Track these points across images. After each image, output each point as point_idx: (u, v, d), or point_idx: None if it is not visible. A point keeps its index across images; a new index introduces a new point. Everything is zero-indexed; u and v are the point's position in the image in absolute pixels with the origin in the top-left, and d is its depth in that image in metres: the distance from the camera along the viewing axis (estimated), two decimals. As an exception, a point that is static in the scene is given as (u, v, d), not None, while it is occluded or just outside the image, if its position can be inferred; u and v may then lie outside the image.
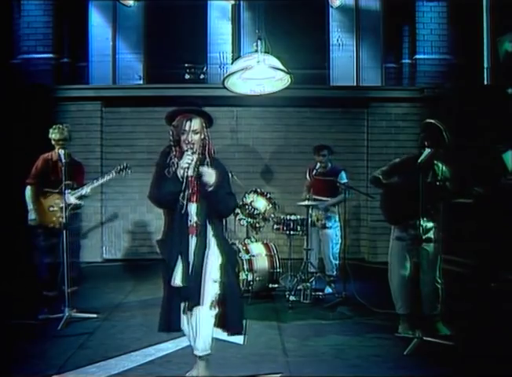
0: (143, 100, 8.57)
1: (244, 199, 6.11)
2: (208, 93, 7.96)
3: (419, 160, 4.27)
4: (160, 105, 8.36)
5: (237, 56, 8.50)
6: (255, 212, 6.08)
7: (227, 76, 5.65)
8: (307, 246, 5.95)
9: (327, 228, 6.19)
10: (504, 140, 6.67)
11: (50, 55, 8.71)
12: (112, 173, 5.23)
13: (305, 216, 5.92)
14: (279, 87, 5.83)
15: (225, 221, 5.94)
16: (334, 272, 6.21)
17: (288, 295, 5.63)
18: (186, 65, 9.07)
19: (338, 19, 8.97)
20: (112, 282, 6.96)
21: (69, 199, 5.04)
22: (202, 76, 9.09)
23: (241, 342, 4.32)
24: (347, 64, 8.96)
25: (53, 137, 5.26)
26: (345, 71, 8.94)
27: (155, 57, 9.02)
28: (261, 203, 6.13)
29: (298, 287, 5.77)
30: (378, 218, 8.27)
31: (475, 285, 5.88)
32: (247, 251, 5.96)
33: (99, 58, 8.88)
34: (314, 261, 6.20)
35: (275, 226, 6.12)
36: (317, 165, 6.12)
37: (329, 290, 6.08)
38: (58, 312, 4.92)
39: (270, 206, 6.16)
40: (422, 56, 8.85)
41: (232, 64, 7.97)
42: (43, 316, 4.96)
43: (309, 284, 5.80)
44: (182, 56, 9.01)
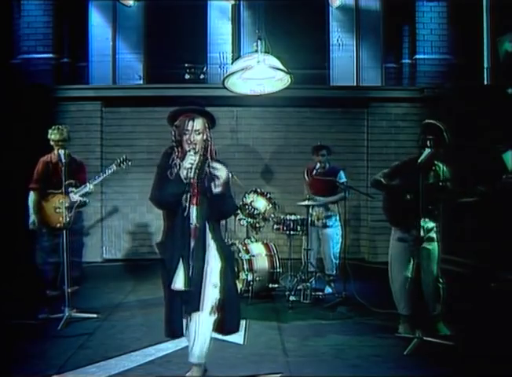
0: (143, 100, 8.57)
1: (244, 199, 6.12)
2: (208, 93, 7.96)
3: (419, 160, 4.27)
4: (160, 105, 8.37)
5: (237, 56, 8.50)
6: (255, 212, 6.08)
7: (227, 76, 5.65)
8: (307, 246, 5.95)
9: (328, 227, 6.19)
10: (504, 140, 6.67)
11: (50, 55, 8.71)
12: (113, 166, 5.23)
13: (305, 216, 5.92)
14: (279, 87, 5.83)
15: (225, 221, 6.01)
16: (334, 272, 6.21)
17: (288, 295, 5.63)
18: (186, 65, 9.07)
19: (338, 19, 8.97)
20: (112, 282, 6.96)
21: (73, 197, 5.06)
22: (202, 76, 9.09)
23: (241, 342, 4.33)
24: (347, 64, 8.95)
25: (53, 137, 5.26)
26: (345, 71, 8.94)
27: (155, 57, 9.02)
28: (261, 203, 6.13)
29: (298, 287, 5.77)
30: (378, 218, 8.29)
31: (475, 285, 5.88)
32: (247, 251, 5.96)
33: (99, 58, 8.88)
34: (314, 261, 6.20)
35: (275, 226, 6.12)
36: (317, 165, 6.13)
37: (329, 290, 6.08)
38: (58, 312, 4.92)
39: (270, 206, 6.17)
40: (422, 56, 8.85)
41: (232, 64, 7.98)
42: (43, 315, 4.96)
43: (309, 284, 5.80)
44: (182, 56, 9.01)
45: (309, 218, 5.93)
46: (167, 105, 8.02)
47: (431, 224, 4.49)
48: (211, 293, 3.17)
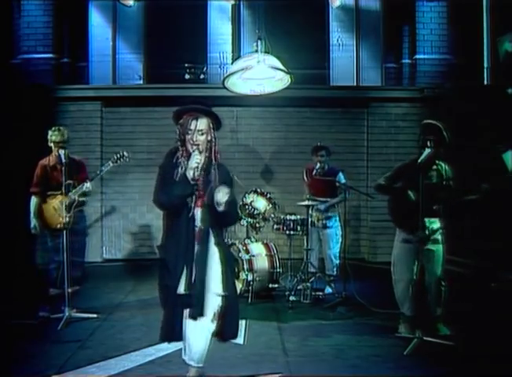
0: (143, 100, 8.57)
1: (244, 199, 6.12)
2: (208, 93, 7.95)
3: (419, 160, 4.27)
4: (160, 105, 8.39)
5: (237, 56, 8.50)
6: (255, 212, 6.08)
7: (227, 76, 5.65)
8: (307, 246, 5.95)
9: (328, 227, 6.20)
10: (504, 140, 6.67)
11: (50, 55, 8.71)
12: (109, 163, 5.20)
13: (305, 216, 5.92)
14: (279, 87, 5.83)
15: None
16: (335, 272, 6.21)
17: (288, 295, 5.63)
18: (186, 65, 9.07)
19: (338, 19, 8.97)
20: (112, 282, 6.96)
21: (71, 197, 5.05)
22: (202, 76, 9.09)
23: (241, 342, 4.33)
24: (347, 64, 8.96)
25: (53, 139, 5.25)
26: (345, 71, 8.94)
27: (155, 57, 9.02)
28: (261, 203, 6.13)
29: (298, 287, 5.77)
30: (378, 218, 8.31)
31: (475, 285, 5.88)
32: (247, 251, 5.96)
33: (99, 58, 8.88)
34: (314, 261, 6.20)
35: (275, 226, 6.12)
36: (316, 165, 6.12)
37: (329, 290, 6.07)
38: (58, 312, 4.92)
39: (270, 206, 6.17)
40: (422, 56, 8.85)
41: (232, 64, 7.98)
42: (44, 313, 4.97)
43: (309, 284, 5.80)
44: (182, 56, 9.01)
45: (309, 218, 5.93)
46: (167, 105, 8.13)
47: (436, 224, 4.48)
48: (214, 300, 3.11)
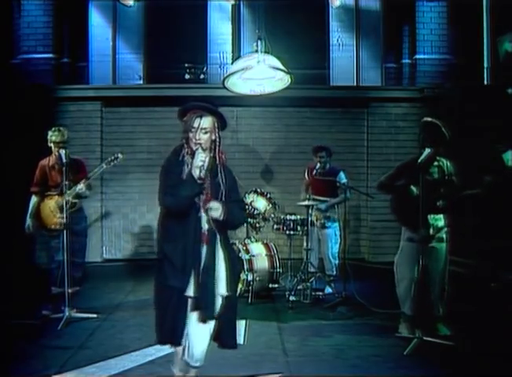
0: (143, 100, 8.56)
1: (244, 199, 6.11)
2: (208, 93, 7.95)
3: (419, 160, 4.27)
4: (160, 105, 8.39)
5: (237, 56, 8.50)
6: (255, 212, 6.08)
7: (227, 76, 5.65)
8: (307, 246, 5.94)
9: (327, 227, 6.19)
10: (504, 140, 6.66)
11: (50, 55, 8.70)
12: (102, 165, 5.22)
13: (305, 216, 5.92)
14: (279, 87, 5.83)
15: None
16: (334, 272, 6.21)
17: (288, 295, 5.63)
18: (186, 65, 9.06)
19: (338, 19, 8.96)
20: (112, 282, 6.96)
21: (64, 199, 5.05)
22: (202, 76, 9.08)
23: (241, 342, 4.33)
24: (347, 64, 8.95)
25: (53, 139, 5.25)
26: (345, 71, 8.93)
27: (155, 57, 9.02)
28: (261, 203, 6.14)
29: (298, 287, 5.77)
30: (378, 218, 8.32)
31: (475, 285, 5.87)
32: (247, 251, 5.97)
33: (99, 58, 8.87)
34: (314, 261, 6.20)
35: (275, 226, 6.12)
36: (317, 165, 6.13)
37: (329, 290, 6.07)
38: (58, 311, 4.92)
39: (270, 206, 6.17)
40: (422, 56, 8.85)
41: (232, 64, 7.98)
42: (46, 312, 4.98)
43: (309, 284, 5.80)
44: (182, 56, 9.00)
45: (309, 218, 5.92)
46: (167, 105, 8.16)
47: (441, 222, 4.47)
48: (218, 302, 3.04)
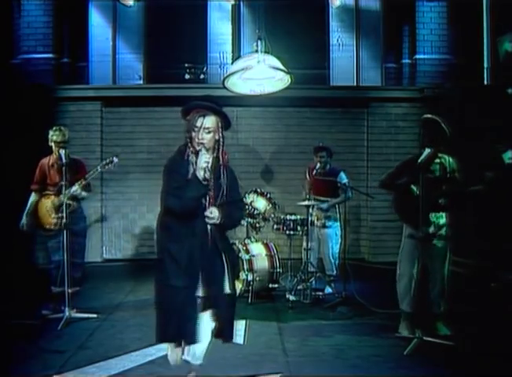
0: (143, 100, 8.56)
1: (244, 199, 6.11)
2: (208, 93, 7.88)
3: (419, 160, 4.27)
4: (160, 105, 8.40)
5: (237, 56, 8.50)
6: (255, 212, 6.08)
7: (227, 76, 5.65)
8: (307, 246, 5.95)
9: (327, 227, 6.19)
10: (504, 140, 6.66)
11: (50, 55, 8.70)
12: (98, 168, 5.20)
13: (305, 216, 5.92)
14: (279, 87, 5.83)
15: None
16: (334, 272, 6.21)
17: (288, 295, 5.63)
18: (186, 65, 9.06)
19: (338, 19, 8.96)
20: (112, 282, 6.96)
21: (60, 199, 5.05)
22: (202, 76, 9.08)
23: (241, 342, 4.33)
24: (347, 64, 8.95)
25: (54, 139, 5.24)
26: (345, 71, 8.93)
27: (155, 57, 9.02)
28: (261, 203, 6.14)
29: (298, 287, 5.77)
30: (378, 218, 8.32)
31: (475, 285, 5.87)
32: (247, 251, 5.96)
33: (99, 58, 8.87)
34: (314, 261, 6.20)
35: (275, 226, 6.12)
36: (317, 165, 6.13)
37: (329, 290, 6.08)
38: (58, 311, 4.93)
39: (270, 206, 6.17)
40: (422, 56, 8.85)
41: (232, 64, 7.98)
42: (47, 312, 4.98)
43: (309, 284, 5.80)
44: (182, 56, 9.00)
45: (310, 218, 5.92)
46: (167, 105, 8.16)
47: (443, 220, 4.47)
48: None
